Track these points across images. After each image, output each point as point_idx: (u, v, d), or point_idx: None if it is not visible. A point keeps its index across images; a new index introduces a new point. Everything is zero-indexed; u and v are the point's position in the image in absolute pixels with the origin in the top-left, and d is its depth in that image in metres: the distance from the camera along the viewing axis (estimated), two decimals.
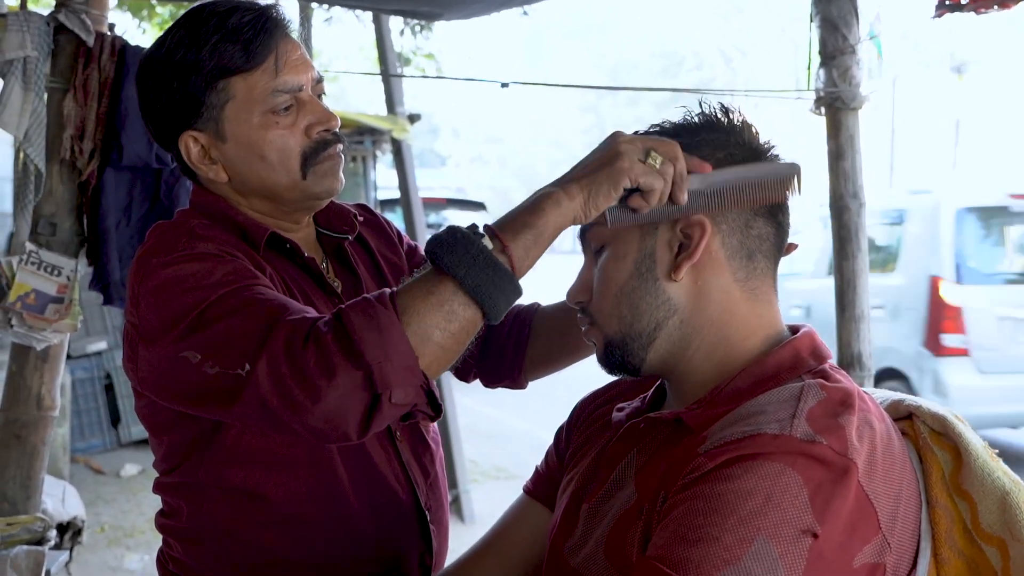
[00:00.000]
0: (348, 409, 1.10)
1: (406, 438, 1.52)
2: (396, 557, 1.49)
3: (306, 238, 1.51)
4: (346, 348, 1.09)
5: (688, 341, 1.15)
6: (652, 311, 1.15)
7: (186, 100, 1.37)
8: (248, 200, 1.44)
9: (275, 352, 1.12)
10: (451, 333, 1.12)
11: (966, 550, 1.08)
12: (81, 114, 2.42)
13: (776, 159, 1.19)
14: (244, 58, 1.35)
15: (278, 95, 1.36)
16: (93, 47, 2.45)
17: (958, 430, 1.12)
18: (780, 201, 1.17)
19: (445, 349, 1.13)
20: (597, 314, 1.19)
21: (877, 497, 1.00)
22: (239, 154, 1.39)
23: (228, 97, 1.37)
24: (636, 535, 1.09)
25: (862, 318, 2.92)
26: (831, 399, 1.05)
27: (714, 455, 1.01)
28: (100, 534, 5.05)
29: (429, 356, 1.12)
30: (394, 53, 6.35)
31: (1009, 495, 1.06)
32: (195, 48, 1.36)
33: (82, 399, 6.53)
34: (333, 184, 1.43)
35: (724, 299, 1.15)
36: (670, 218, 1.14)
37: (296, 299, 1.37)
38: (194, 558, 1.47)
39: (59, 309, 2.46)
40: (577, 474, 1.29)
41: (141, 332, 1.30)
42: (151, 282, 1.29)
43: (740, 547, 0.94)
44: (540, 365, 1.68)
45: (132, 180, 2.54)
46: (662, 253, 1.14)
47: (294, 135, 1.38)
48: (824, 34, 2.88)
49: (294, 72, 1.38)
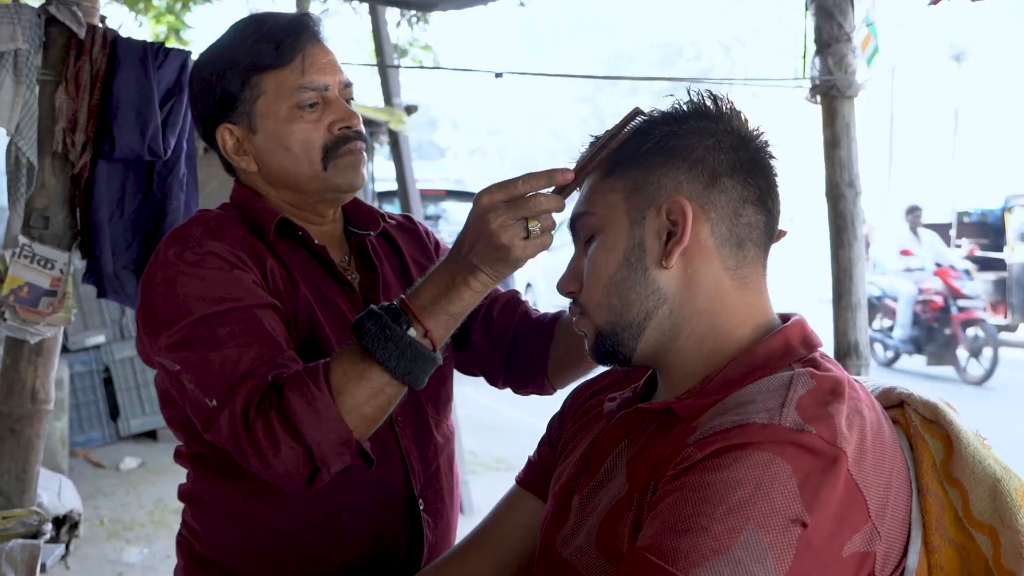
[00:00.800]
0: (292, 473, 1.30)
1: (408, 426, 1.58)
2: (381, 542, 1.54)
3: (331, 232, 1.61)
4: (288, 427, 1.27)
5: (678, 330, 1.15)
6: (642, 300, 1.14)
7: (224, 95, 1.51)
8: (277, 191, 1.55)
9: (234, 411, 1.30)
10: (378, 407, 1.31)
11: (957, 538, 1.08)
12: (73, 107, 2.40)
13: (765, 146, 1.18)
14: (275, 56, 1.48)
15: (304, 91, 1.48)
16: (84, 39, 2.43)
17: (949, 418, 1.11)
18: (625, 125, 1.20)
19: (373, 420, 1.32)
20: (587, 304, 1.18)
21: (867, 486, 1.00)
22: (267, 145, 1.51)
23: (260, 92, 1.50)
24: (627, 526, 1.09)
25: (858, 307, 2.91)
26: (821, 388, 1.04)
27: (703, 445, 1.01)
28: (99, 527, 5.06)
29: (361, 427, 1.30)
30: (390, 45, 6.33)
31: (1000, 483, 1.06)
32: (234, 48, 1.51)
33: (81, 392, 6.53)
34: (353, 178, 1.53)
35: (714, 288, 1.14)
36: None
37: (299, 286, 1.50)
38: (199, 521, 1.58)
39: (52, 302, 2.45)
40: (569, 465, 1.28)
41: (144, 316, 1.44)
42: (163, 273, 1.42)
43: (729, 537, 0.94)
44: (565, 369, 1.70)
45: (125, 173, 2.53)
46: (651, 242, 1.14)
47: (318, 130, 1.49)
48: (819, 22, 2.87)
49: (321, 72, 1.50)
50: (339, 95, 1.52)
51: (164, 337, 1.38)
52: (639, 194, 1.15)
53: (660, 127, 1.17)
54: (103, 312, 6.56)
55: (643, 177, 1.15)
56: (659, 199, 1.14)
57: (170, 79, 2.51)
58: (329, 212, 1.59)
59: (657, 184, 1.14)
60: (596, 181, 1.20)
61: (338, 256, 1.60)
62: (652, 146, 1.15)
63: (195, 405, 1.37)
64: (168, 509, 5.37)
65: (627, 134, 1.19)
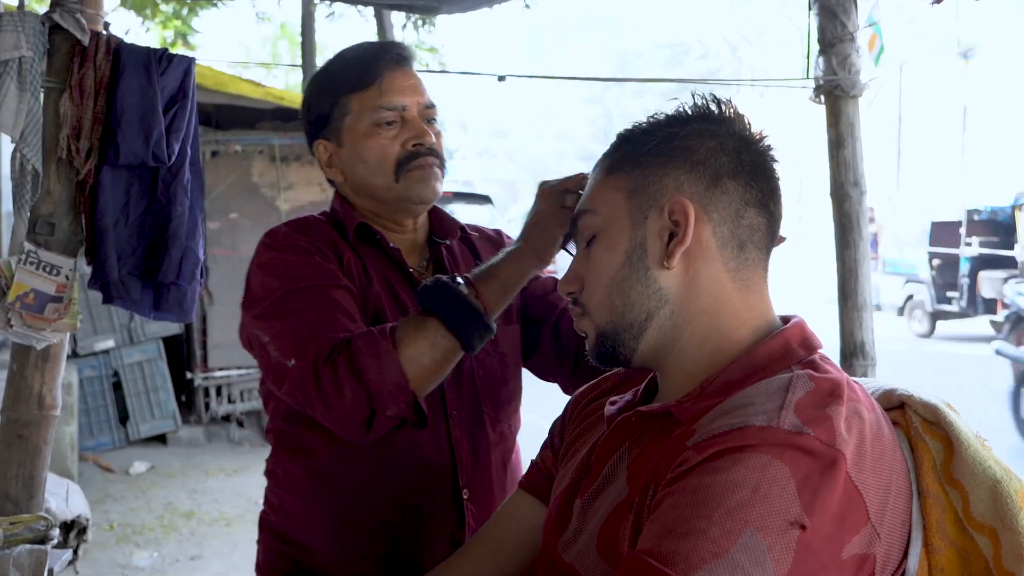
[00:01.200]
0: (353, 417, 1.45)
1: (463, 420, 1.71)
2: (425, 523, 1.67)
3: (412, 239, 1.77)
4: (351, 371, 1.42)
5: (679, 332, 1.15)
6: (643, 301, 1.14)
7: (318, 114, 1.72)
8: (360, 200, 1.73)
9: (307, 362, 1.45)
10: (435, 359, 1.46)
11: (958, 540, 1.08)
12: (77, 113, 2.41)
13: (768, 149, 1.19)
14: (358, 80, 1.67)
15: (382, 111, 1.65)
16: (88, 46, 2.44)
17: (949, 419, 1.11)
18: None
19: (430, 371, 1.46)
20: (589, 304, 1.19)
21: (866, 488, 1.00)
22: (350, 158, 1.70)
23: (347, 111, 1.68)
24: (627, 529, 1.09)
25: (864, 307, 2.91)
26: (820, 390, 1.04)
27: (702, 448, 1.01)
28: (109, 532, 5.08)
29: (418, 378, 1.45)
30: None
31: (1000, 484, 1.06)
32: (329, 73, 1.73)
33: (90, 397, 6.55)
34: (423, 190, 1.68)
35: (715, 289, 1.14)
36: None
37: (373, 282, 1.67)
38: (274, 495, 1.77)
39: (58, 308, 2.46)
40: (571, 468, 1.28)
41: (243, 298, 1.63)
42: (257, 261, 1.64)
43: (728, 539, 0.94)
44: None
45: (129, 179, 2.53)
46: (653, 242, 1.14)
47: (393, 145, 1.66)
48: (823, 22, 2.87)
49: (399, 94, 1.67)
50: (418, 115, 1.68)
51: (254, 311, 1.58)
52: (641, 194, 1.15)
53: (663, 129, 1.17)
54: (112, 317, 6.59)
55: (644, 177, 1.15)
56: (661, 199, 1.14)
57: (174, 85, 2.52)
58: (407, 222, 1.75)
59: (659, 184, 1.14)
60: (598, 180, 1.21)
61: (415, 261, 1.76)
62: (654, 147, 1.16)
63: (276, 369, 1.52)
64: (177, 513, 5.39)
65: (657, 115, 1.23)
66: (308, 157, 6.95)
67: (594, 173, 1.24)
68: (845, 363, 2.92)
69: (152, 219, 2.56)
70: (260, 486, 5.72)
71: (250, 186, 6.86)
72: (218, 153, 6.75)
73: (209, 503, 5.59)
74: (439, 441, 1.67)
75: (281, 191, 6.89)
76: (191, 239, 2.56)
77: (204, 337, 6.83)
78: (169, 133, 2.48)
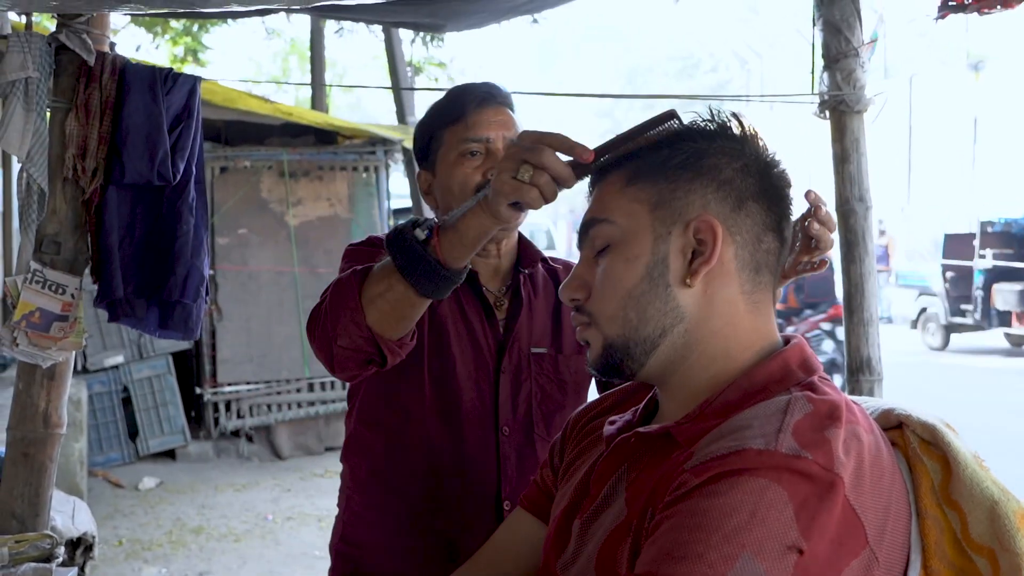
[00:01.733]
0: (320, 351, 1.59)
1: (514, 437, 1.83)
2: (468, 528, 1.78)
3: (495, 266, 1.90)
4: (325, 307, 1.56)
5: (690, 351, 1.14)
6: (660, 317, 1.13)
7: (421, 146, 1.88)
8: None
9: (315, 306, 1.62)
10: (389, 301, 1.49)
11: (956, 561, 1.07)
12: (83, 133, 2.42)
13: (785, 173, 1.19)
14: (451, 114, 1.82)
15: (468, 142, 1.78)
16: (94, 66, 2.45)
17: (947, 439, 1.10)
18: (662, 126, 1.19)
19: (386, 313, 1.51)
20: (599, 315, 1.17)
21: (864, 511, 0.99)
22: (440, 186, 1.83)
23: (440, 144, 1.83)
24: (625, 552, 1.08)
25: (871, 322, 2.90)
26: (818, 412, 1.04)
27: (699, 471, 1.00)
28: (118, 547, 5.08)
29: (375, 318, 1.51)
30: (404, 64, 6.37)
31: (998, 505, 1.05)
32: (431, 110, 1.88)
33: (100, 413, 6.57)
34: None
35: (729, 311, 1.14)
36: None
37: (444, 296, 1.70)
38: (347, 486, 1.92)
39: (64, 327, 2.47)
40: (570, 489, 1.28)
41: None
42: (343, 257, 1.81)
43: (725, 564, 0.93)
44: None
45: (135, 198, 2.55)
46: (675, 259, 1.13)
47: (475, 174, 1.77)
48: (827, 37, 2.87)
49: (485, 128, 1.79)
50: (503, 148, 1.78)
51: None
52: (665, 208, 1.14)
53: (688, 143, 1.16)
54: (122, 332, 6.61)
55: (670, 192, 1.14)
56: (686, 216, 1.13)
57: (179, 104, 2.53)
58: (490, 247, 1.86)
59: (684, 200, 1.14)
60: (616, 188, 1.18)
61: (495, 286, 1.89)
62: (681, 161, 1.15)
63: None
64: (186, 528, 5.39)
65: (657, 135, 1.18)
66: (316, 172, 7.00)
67: (603, 180, 1.21)
68: (852, 378, 2.91)
69: (157, 238, 2.57)
70: (269, 501, 5.72)
71: (259, 202, 6.88)
72: (227, 169, 6.78)
73: (218, 518, 5.60)
74: (487, 453, 1.81)
75: (290, 206, 6.91)
76: (196, 257, 2.57)
77: (214, 352, 6.85)
78: (174, 152, 2.49)
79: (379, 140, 6.88)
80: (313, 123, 6.64)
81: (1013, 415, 7.57)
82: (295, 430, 7.12)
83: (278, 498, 6.02)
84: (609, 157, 1.21)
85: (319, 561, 4.96)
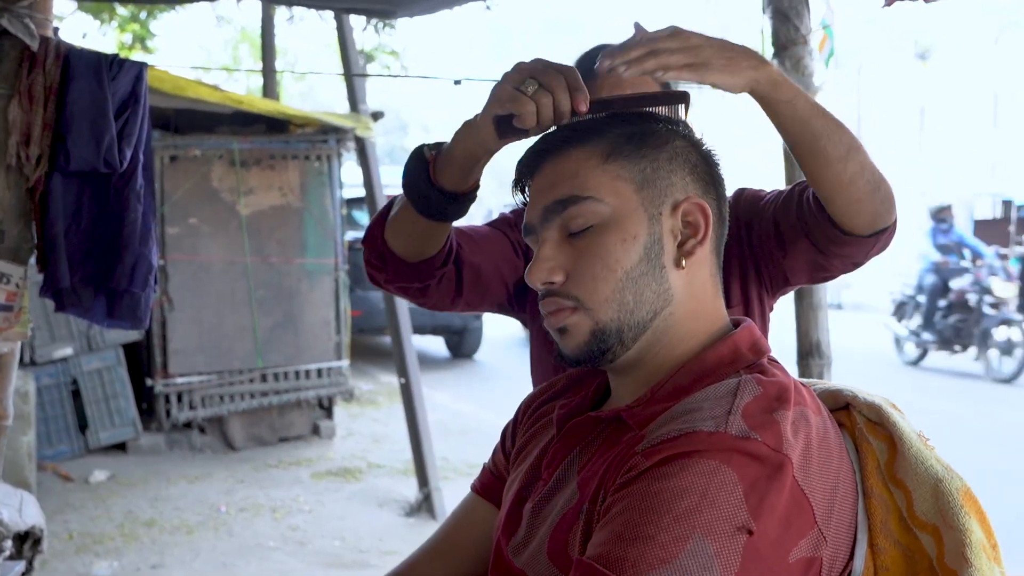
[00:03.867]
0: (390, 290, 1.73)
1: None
2: None
3: None
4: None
5: (665, 334, 1.15)
6: (653, 300, 1.13)
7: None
8: None
9: None
10: (398, 217, 1.55)
11: (902, 539, 1.09)
12: (27, 120, 2.38)
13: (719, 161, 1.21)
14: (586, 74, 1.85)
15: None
16: (38, 52, 2.41)
17: (893, 419, 1.12)
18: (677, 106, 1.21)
19: (397, 230, 1.57)
20: (590, 298, 1.13)
21: (812, 491, 1.00)
22: None
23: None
24: (577, 535, 1.09)
25: (820, 307, 2.93)
26: (767, 394, 1.05)
27: (650, 454, 1.01)
28: (68, 541, 5.01)
29: (390, 233, 1.58)
30: (355, 51, 6.32)
31: (941, 482, 1.07)
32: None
33: (49, 406, 6.47)
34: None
35: (702, 293, 1.16)
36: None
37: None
38: None
39: (9, 317, 2.43)
40: (521, 473, 1.28)
41: None
42: None
43: (676, 545, 0.94)
44: None
45: (81, 185, 2.50)
46: (668, 241, 1.14)
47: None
48: (776, 25, 2.89)
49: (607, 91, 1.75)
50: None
51: None
52: (651, 188, 1.14)
53: (662, 124, 1.18)
54: (70, 324, 6.50)
55: (653, 172, 1.14)
56: (672, 196, 1.14)
57: (125, 91, 2.49)
58: None
59: (668, 181, 1.14)
60: (594, 164, 1.15)
61: None
62: (655, 142, 1.16)
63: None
64: (138, 521, 5.33)
65: (660, 106, 1.20)
66: (268, 162, 6.93)
67: (564, 154, 1.18)
68: (802, 362, 2.95)
69: (104, 226, 2.53)
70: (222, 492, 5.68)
71: (210, 191, 6.80)
72: (177, 158, 6.69)
73: (171, 511, 5.54)
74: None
75: (241, 195, 6.84)
76: (144, 245, 2.53)
77: (164, 343, 6.76)
78: (121, 139, 2.45)
79: (331, 129, 6.82)
80: (264, 111, 6.56)
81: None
82: (248, 421, 7.06)
83: (231, 489, 5.97)
84: (595, 109, 1.20)
85: (273, 552, 4.92)
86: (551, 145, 1.20)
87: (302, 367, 7.10)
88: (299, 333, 7.07)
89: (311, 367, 7.13)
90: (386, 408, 8.46)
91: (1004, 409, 8.61)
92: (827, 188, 1.42)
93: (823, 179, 1.40)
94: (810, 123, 1.31)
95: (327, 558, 4.87)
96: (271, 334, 6.97)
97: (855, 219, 1.47)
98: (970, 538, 1.03)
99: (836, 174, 1.37)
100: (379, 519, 5.47)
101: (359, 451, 7.00)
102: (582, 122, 1.20)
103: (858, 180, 1.39)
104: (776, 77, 1.26)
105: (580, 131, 1.18)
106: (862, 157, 1.37)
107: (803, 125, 1.31)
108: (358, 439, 7.38)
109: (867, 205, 1.44)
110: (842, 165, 1.36)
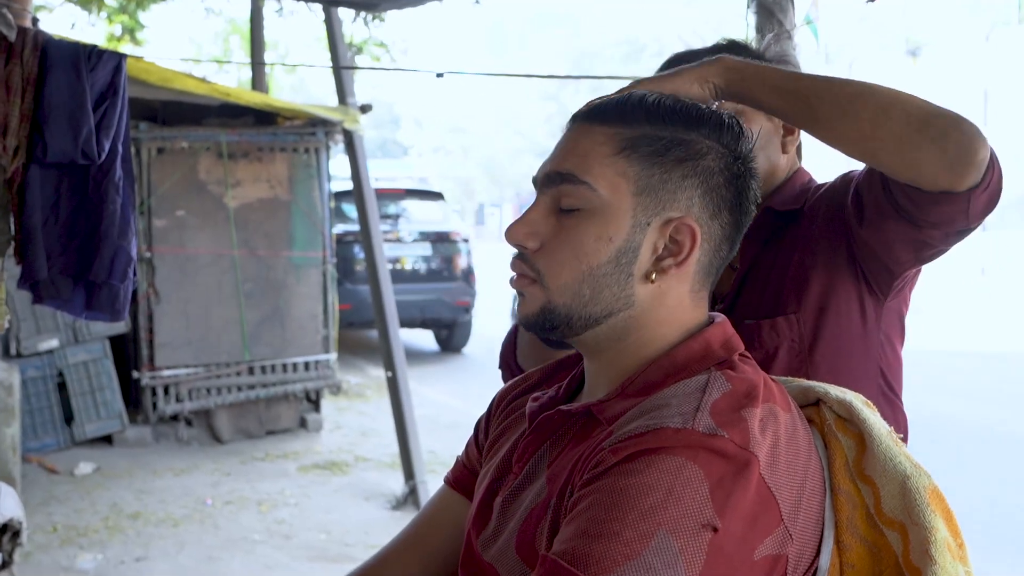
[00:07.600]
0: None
1: None
2: None
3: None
4: None
5: (627, 333, 1.14)
6: (612, 301, 1.11)
7: None
8: None
9: None
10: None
11: (868, 535, 1.08)
12: (4, 111, 2.36)
13: (757, 188, 1.18)
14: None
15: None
16: (15, 42, 2.39)
17: (862, 416, 1.12)
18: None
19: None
20: (550, 278, 1.12)
21: (779, 489, 1.00)
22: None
23: None
24: (545, 530, 1.08)
25: None
26: (736, 391, 1.04)
27: (617, 450, 1.00)
28: (53, 534, 5.00)
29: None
30: (344, 44, 6.29)
31: (909, 479, 1.06)
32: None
33: (34, 398, 6.44)
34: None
35: (676, 305, 1.14)
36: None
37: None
38: None
39: None
40: (493, 466, 1.27)
41: None
42: None
43: (641, 542, 0.94)
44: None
45: (59, 177, 2.49)
46: (646, 251, 1.11)
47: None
48: (760, 20, 2.87)
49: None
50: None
51: None
52: (649, 196, 1.11)
53: (690, 131, 1.12)
54: (56, 316, 6.47)
55: (660, 182, 1.11)
56: (668, 212, 1.11)
57: (103, 82, 2.47)
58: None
59: (672, 196, 1.11)
60: (605, 152, 1.12)
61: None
62: (681, 155, 1.11)
63: None
64: (123, 514, 5.32)
65: (693, 105, 1.15)
66: (256, 154, 6.90)
67: (590, 125, 1.15)
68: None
69: (83, 218, 2.51)
70: (208, 485, 5.68)
71: (197, 183, 6.78)
72: (164, 150, 6.66)
73: (156, 503, 5.52)
74: None
75: (229, 188, 6.82)
76: (123, 238, 2.51)
77: (151, 336, 6.74)
78: (99, 130, 2.44)
79: (320, 121, 6.80)
80: (252, 103, 6.53)
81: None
82: (235, 414, 7.05)
83: (218, 482, 5.96)
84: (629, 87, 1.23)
85: (258, 545, 4.92)
86: (593, 111, 1.17)
87: (289, 360, 7.08)
88: (286, 326, 7.05)
89: (298, 360, 7.11)
90: (374, 402, 8.46)
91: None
92: (855, 148, 1.29)
93: (844, 140, 1.27)
94: (790, 88, 1.25)
95: (313, 551, 4.86)
96: (258, 327, 6.95)
97: (917, 170, 1.27)
98: (935, 536, 1.03)
99: (851, 128, 1.25)
100: (365, 512, 5.47)
101: (346, 444, 6.99)
102: (630, 103, 1.14)
103: (885, 124, 1.23)
104: (730, 64, 1.26)
105: (619, 111, 1.14)
106: (880, 99, 1.23)
107: (784, 94, 1.25)
108: (345, 432, 7.37)
109: (917, 150, 1.24)
110: (852, 117, 1.24)
